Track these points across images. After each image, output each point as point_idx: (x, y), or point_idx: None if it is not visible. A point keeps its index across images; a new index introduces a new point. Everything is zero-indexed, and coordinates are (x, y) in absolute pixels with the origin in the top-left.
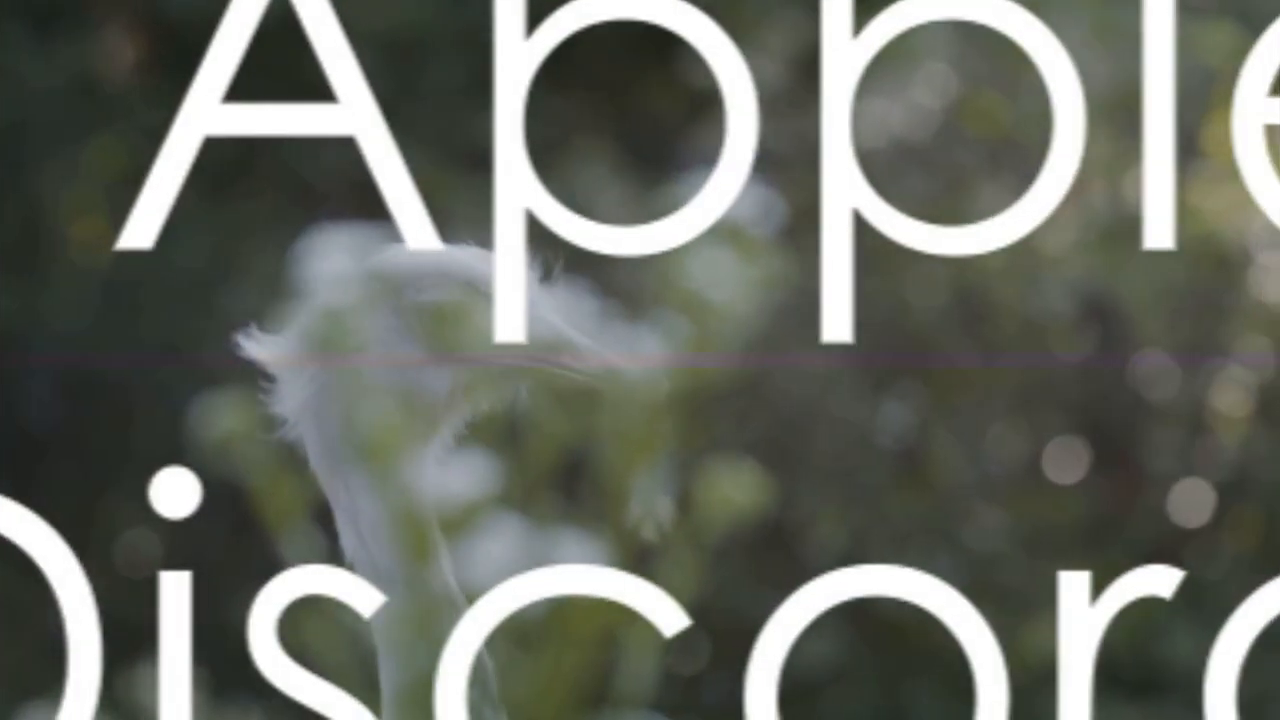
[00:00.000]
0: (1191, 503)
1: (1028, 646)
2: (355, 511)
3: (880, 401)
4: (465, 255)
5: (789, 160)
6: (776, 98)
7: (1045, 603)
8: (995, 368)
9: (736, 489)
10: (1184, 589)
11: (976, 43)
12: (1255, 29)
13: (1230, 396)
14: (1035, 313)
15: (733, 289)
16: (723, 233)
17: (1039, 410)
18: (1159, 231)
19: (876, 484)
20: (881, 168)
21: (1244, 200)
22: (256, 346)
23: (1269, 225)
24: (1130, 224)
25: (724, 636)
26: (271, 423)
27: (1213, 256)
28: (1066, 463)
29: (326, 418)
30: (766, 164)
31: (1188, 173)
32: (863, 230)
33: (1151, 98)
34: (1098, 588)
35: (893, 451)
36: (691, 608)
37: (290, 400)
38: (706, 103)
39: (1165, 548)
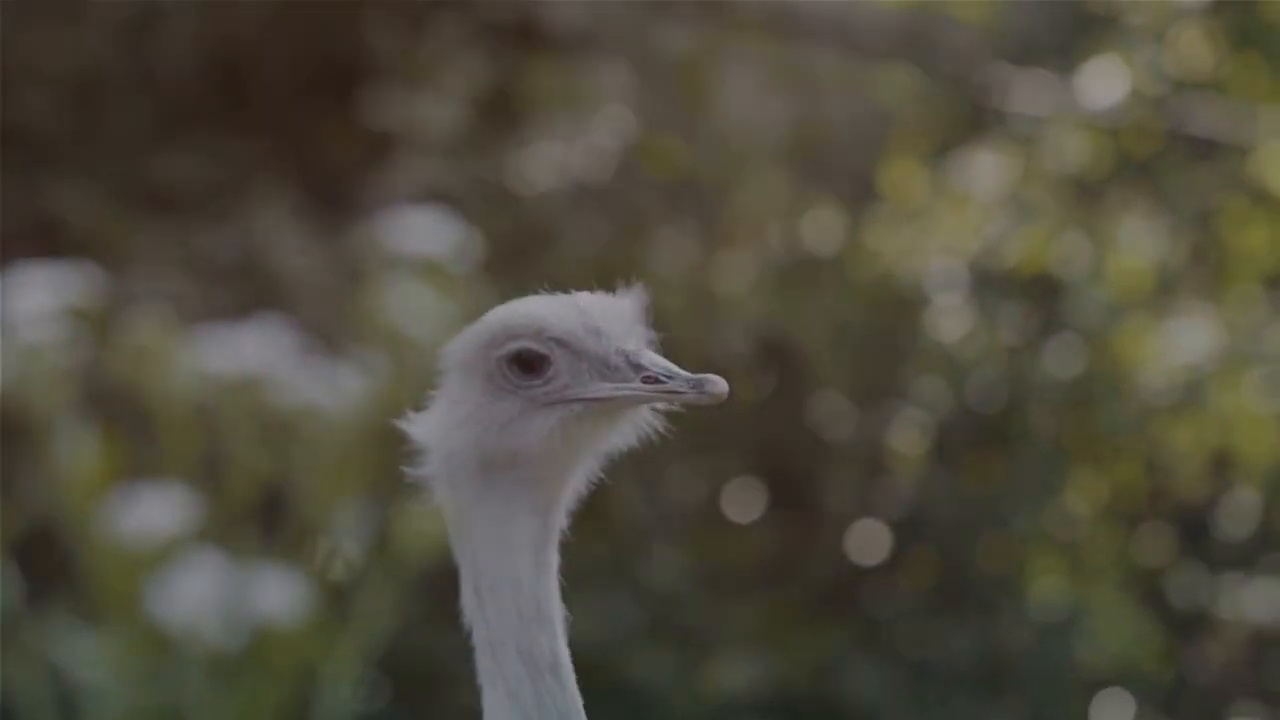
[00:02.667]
0: (868, 542)
1: (706, 683)
2: (477, 572)
3: None
4: (533, 306)
5: (470, 199)
6: (457, 139)
7: (724, 640)
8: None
9: (432, 523)
10: (861, 627)
11: (655, 85)
12: (931, 73)
13: (906, 437)
14: (713, 353)
15: (430, 324)
16: (419, 269)
17: (717, 450)
18: (835, 272)
19: None
20: (559, 208)
21: (920, 241)
22: (413, 428)
23: (944, 266)
24: (808, 265)
25: (406, 676)
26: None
27: (889, 297)
28: (744, 502)
29: (456, 484)
30: (449, 203)
31: (864, 214)
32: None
33: (829, 140)
34: (776, 626)
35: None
36: (385, 643)
37: (428, 470)
38: (386, 144)
39: (842, 587)
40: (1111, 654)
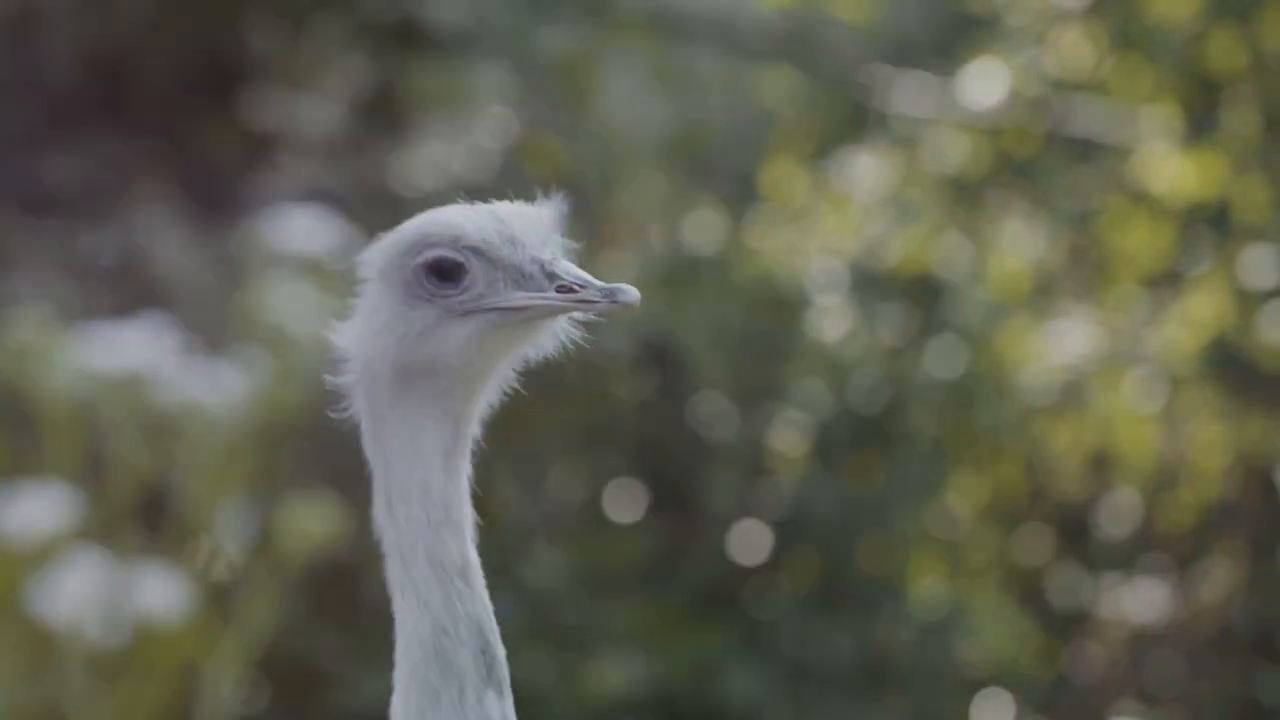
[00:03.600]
0: (749, 542)
1: (586, 683)
2: (388, 479)
3: None
4: (451, 214)
5: (350, 199)
6: (338, 139)
7: (604, 640)
8: (556, 408)
9: (314, 521)
10: (742, 627)
11: (536, 85)
12: (812, 74)
13: (787, 437)
14: (595, 354)
15: (312, 322)
16: (301, 268)
17: (598, 450)
18: (717, 273)
19: None
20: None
21: (801, 241)
22: (338, 336)
23: (825, 266)
24: (689, 265)
25: (287, 674)
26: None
27: (770, 297)
28: (626, 502)
29: (373, 392)
30: (329, 203)
31: (746, 214)
32: None
33: (710, 141)
34: (657, 626)
35: None
36: (265, 642)
37: (348, 380)
38: (268, 145)
39: (723, 587)
40: (992, 654)
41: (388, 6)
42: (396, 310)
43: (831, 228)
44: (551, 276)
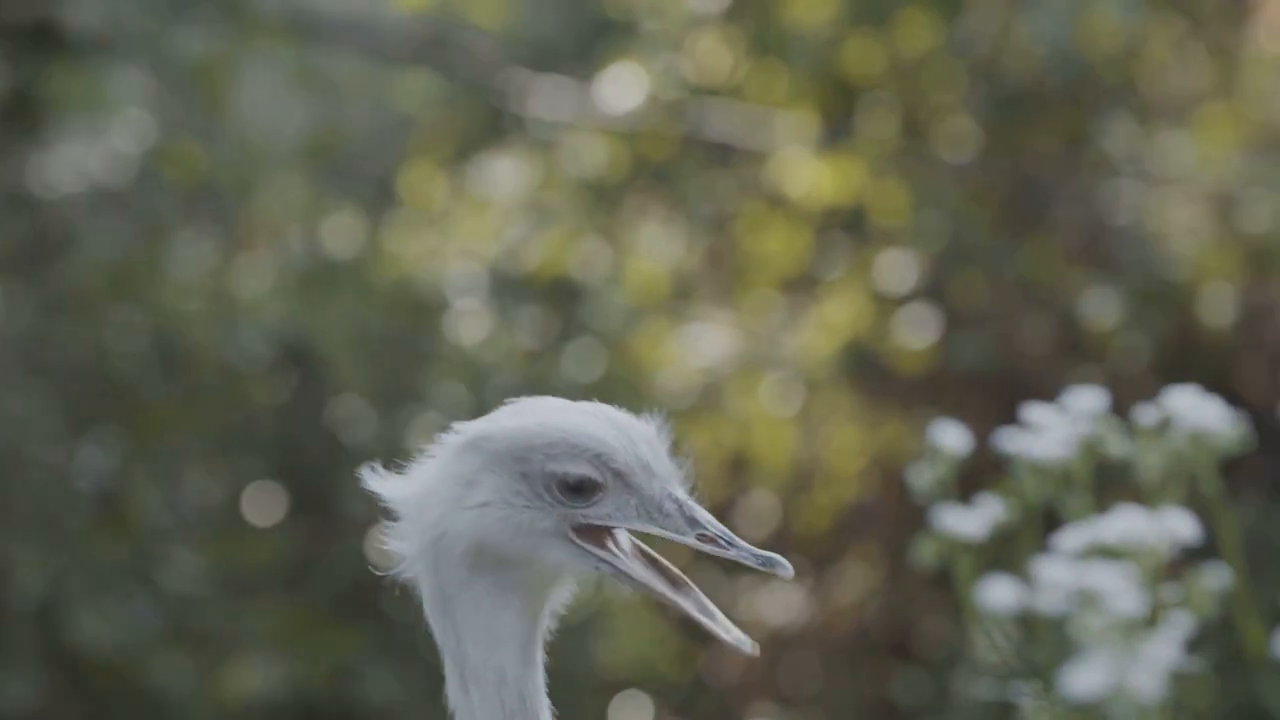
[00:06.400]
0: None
1: (225, 686)
2: (462, 659)
3: (79, 444)
4: (596, 426)
5: None
6: None
7: (243, 644)
8: (194, 411)
9: None
10: (381, 630)
11: (173, 88)
12: (450, 78)
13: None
14: (233, 357)
15: None
16: None
17: (237, 454)
18: (355, 276)
19: (76, 527)
20: (79, 212)
21: (440, 245)
22: (381, 483)
23: (464, 270)
24: (327, 268)
25: None
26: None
27: (409, 301)
28: (265, 506)
29: (443, 564)
30: None
31: (384, 218)
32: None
33: (349, 144)
34: (296, 629)
35: (92, 495)
36: None
37: (409, 542)
38: None
39: (362, 590)
40: (630, 656)
41: (23, 8)
42: (507, 499)
43: (470, 231)
44: (692, 522)
